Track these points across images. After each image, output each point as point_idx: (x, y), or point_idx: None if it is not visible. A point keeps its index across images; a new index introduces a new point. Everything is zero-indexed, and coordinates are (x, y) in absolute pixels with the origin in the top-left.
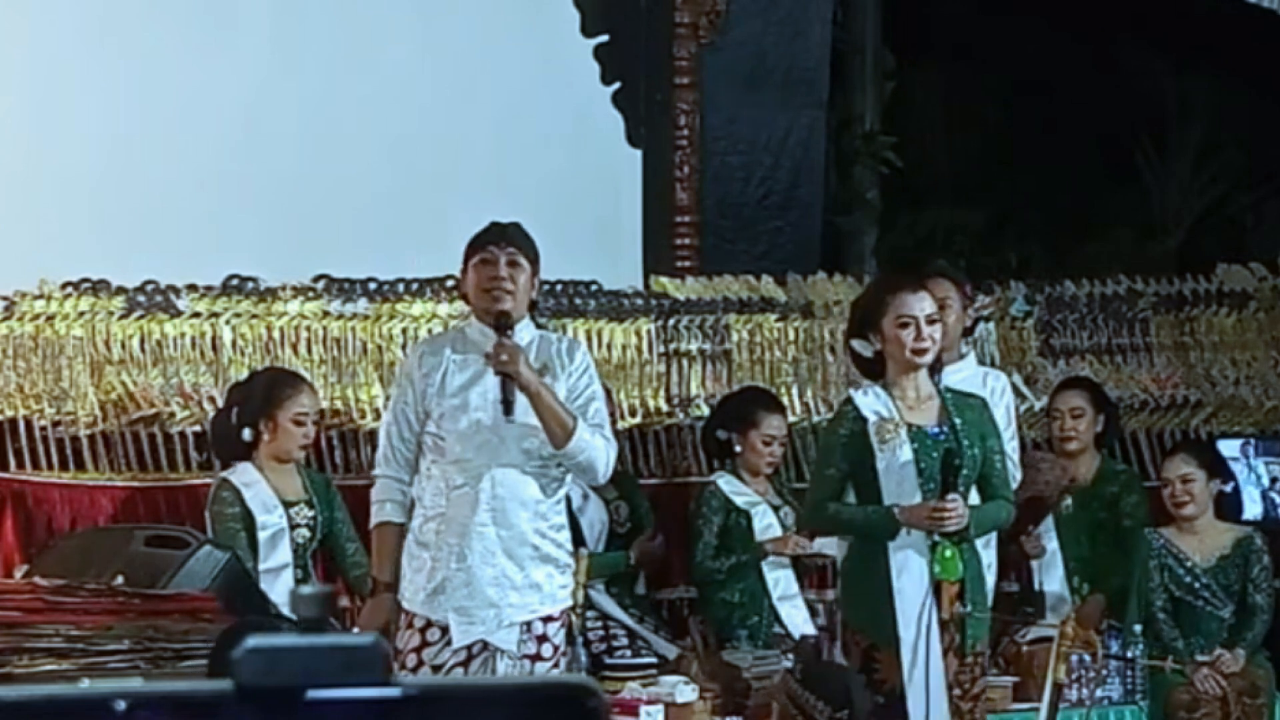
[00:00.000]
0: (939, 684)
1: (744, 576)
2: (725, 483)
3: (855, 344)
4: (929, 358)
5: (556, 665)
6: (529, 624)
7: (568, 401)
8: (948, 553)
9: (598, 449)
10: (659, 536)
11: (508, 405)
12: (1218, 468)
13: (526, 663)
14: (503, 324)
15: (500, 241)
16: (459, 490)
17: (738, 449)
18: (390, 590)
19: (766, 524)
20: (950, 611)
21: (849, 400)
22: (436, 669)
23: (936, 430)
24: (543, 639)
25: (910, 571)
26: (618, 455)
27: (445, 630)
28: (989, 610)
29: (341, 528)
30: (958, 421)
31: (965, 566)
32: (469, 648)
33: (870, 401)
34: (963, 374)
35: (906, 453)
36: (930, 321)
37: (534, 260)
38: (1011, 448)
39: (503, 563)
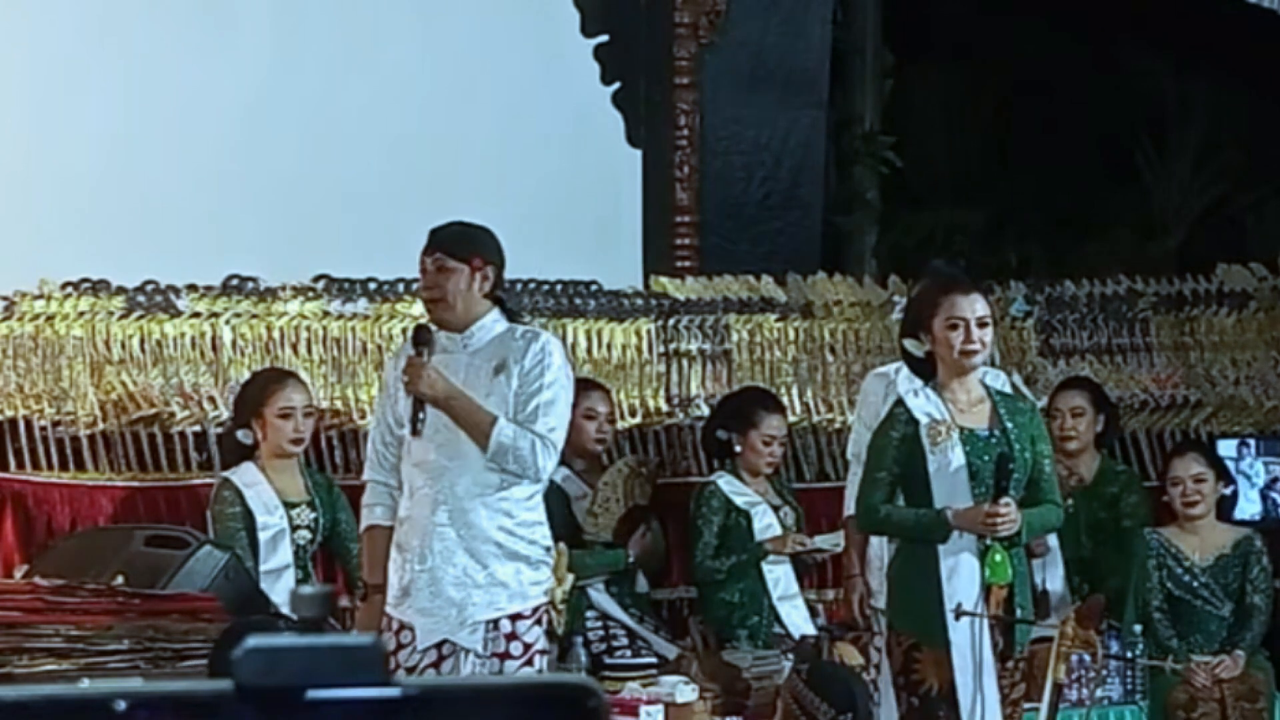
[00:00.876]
0: (993, 687)
1: (744, 576)
2: (725, 483)
3: (907, 343)
4: (979, 360)
5: (530, 663)
6: (496, 622)
7: (515, 397)
8: (998, 556)
9: (522, 448)
10: (648, 532)
11: (414, 425)
12: (1221, 469)
13: (495, 661)
14: (421, 339)
15: (427, 249)
16: (421, 491)
17: (738, 449)
18: (381, 593)
19: (766, 524)
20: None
21: (900, 402)
22: (410, 671)
23: (988, 433)
24: (511, 637)
25: (962, 574)
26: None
27: (416, 632)
28: (1033, 614)
29: (345, 529)
30: (1009, 425)
31: (1014, 570)
32: (438, 648)
33: (921, 404)
34: None
35: (959, 456)
36: (981, 324)
37: (471, 255)
38: None
39: (464, 561)
